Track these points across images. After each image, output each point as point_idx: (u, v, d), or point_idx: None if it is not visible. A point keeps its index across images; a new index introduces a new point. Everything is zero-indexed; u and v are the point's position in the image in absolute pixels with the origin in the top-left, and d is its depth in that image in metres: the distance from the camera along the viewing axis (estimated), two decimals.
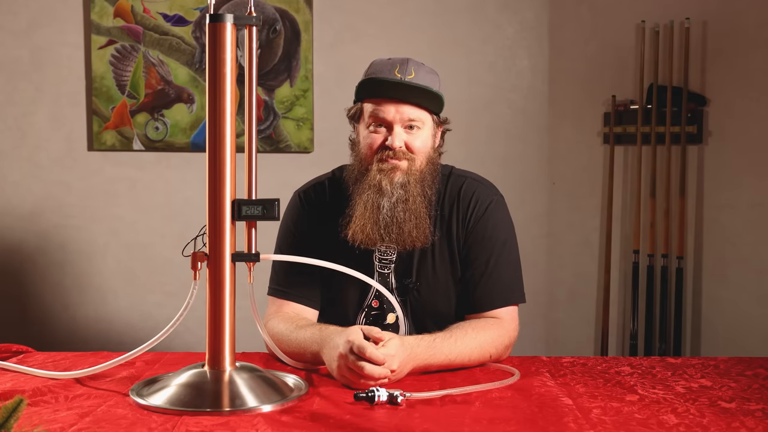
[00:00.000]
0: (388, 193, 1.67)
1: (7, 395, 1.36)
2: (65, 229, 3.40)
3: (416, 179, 1.70)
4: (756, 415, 1.30)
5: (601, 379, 1.53)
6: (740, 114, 3.23)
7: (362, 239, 1.69)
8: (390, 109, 1.67)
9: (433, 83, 1.72)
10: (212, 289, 1.38)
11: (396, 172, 1.68)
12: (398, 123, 1.68)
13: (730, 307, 3.27)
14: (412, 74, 1.68)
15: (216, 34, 1.37)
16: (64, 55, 3.36)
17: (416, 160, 1.70)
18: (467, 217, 1.75)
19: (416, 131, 1.70)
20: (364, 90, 1.72)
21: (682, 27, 3.28)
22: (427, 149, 1.72)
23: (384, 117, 1.68)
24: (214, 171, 1.37)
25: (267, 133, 3.38)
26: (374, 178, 1.68)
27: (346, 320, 1.75)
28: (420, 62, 1.73)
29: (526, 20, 3.41)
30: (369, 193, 1.68)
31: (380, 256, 1.75)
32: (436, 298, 1.75)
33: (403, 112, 1.68)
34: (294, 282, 1.76)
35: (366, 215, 1.68)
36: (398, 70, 1.68)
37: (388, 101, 1.68)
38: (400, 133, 1.68)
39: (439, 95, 1.71)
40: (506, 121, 3.42)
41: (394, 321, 1.74)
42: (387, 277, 1.75)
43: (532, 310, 3.46)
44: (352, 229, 1.69)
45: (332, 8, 3.38)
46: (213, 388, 1.36)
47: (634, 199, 3.37)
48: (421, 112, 1.69)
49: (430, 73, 1.73)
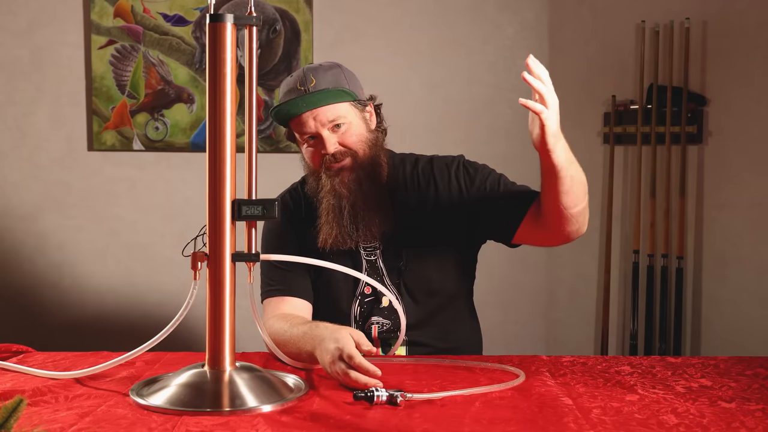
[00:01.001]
0: (344, 195, 1.73)
1: (7, 395, 1.36)
2: (65, 229, 3.40)
3: (366, 171, 1.75)
4: (756, 415, 1.29)
5: (601, 378, 1.53)
6: (740, 114, 3.23)
7: (333, 243, 1.74)
8: (309, 122, 1.72)
9: (337, 78, 1.75)
10: (212, 289, 1.38)
11: (344, 173, 1.74)
12: (322, 129, 1.72)
13: (730, 307, 3.27)
14: (313, 81, 1.73)
15: (216, 34, 1.37)
16: (64, 55, 3.36)
17: (358, 152, 1.75)
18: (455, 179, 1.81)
19: (343, 127, 1.73)
20: (282, 116, 1.76)
21: (682, 27, 3.28)
22: (364, 137, 1.76)
23: (308, 130, 1.73)
24: (214, 171, 1.37)
25: (267, 133, 3.38)
26: (327, 184, 1.74)
27: (340, 311, 1.79)
28: (317, 65, 1.77)
29: (526, 20, 3.41)
30: (328, 198, 1.74)
31: (365, 244, 1.80)
32: (430, 273, 1.79)
33: (321, 118, 1.72)
34: (286, 278, 1.79)
35: (330, 220, 1.74)
36: (299, 83, 1.73)
37: (304, 115, 1.72)
38: (329, 137, 1.73)
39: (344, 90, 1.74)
40: (506, 121, 3.42)
41: (388, 304, 1.78)
42: (375, 263, 1.80)
43: (532, 309, 3.47)
44: (321, 236, 1.75)
45: (332, 8, 3.38)
46: (213, 388, 1.36)
47: (634, 199, 3.37)
48: (337, 108, 1.73)
49: (329, 69, 1.76)
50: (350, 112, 1.76)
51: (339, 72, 1.77)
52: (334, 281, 1.79)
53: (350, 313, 1.79)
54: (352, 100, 1.76)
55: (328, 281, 1.80)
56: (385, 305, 1.78)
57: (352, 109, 1.76)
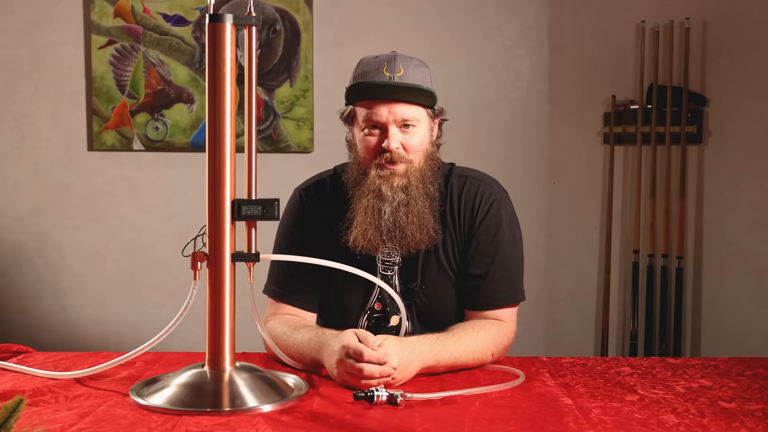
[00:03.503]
0: (388, 198, 1.64)
1: (7, 395, 1.36)
2: (65, 229, 3.40)
3: (417, 179, 1.66)
4: (756, 415, 1.29)
5: (601, 379, 1.53)
6: (740, 114, 3.23)
7: (364, 245, 1.65)
8: (382, 111, 1.63)
9: (424, 77, 1.67)
10: (212, 289, 1.38)
11: (395, 177, 1.65)
12: (392, 124, 1.64)
13: (729, 307, 3.27)
14: (401, 71, 1.64)
15: (216, 34, 1.36)
16: (64, 55, 3.36)
17: (414, 160, 1.66)
18: (472, 217, 1.72)
19: (412, 129, 1.65)
20: (354, 93, 1.68)
21: (682, 27, 3.28)
22: (425, 146, 1.68)
23: (377, 119, 1.64)
24: (214, 171, 1.37)
25: (267, 133, 3.38)
26: (373, 183, 1.65)
27: (346, 323, 1.71)
28: (408, 56, 1.69)
29: (526, 20, 3.41)
30: (369, 197, 1.65)
31: (383, 258, 1.72)
32: (441, 300, 1.73)
33: (396, 113, 1.63)
34: (292, 284, 1.74)
35: (367, 221, 1.65)
36: (386, 68, 1.64)
37: (380, 103, 1.64)
38: (395, 134, 1.64)
39: (431, 91, 1.66)
40: (506, 121, 3.42)
41: (397, 323, 1.72)
42: (390, 279, 1.72)
43: (532, 310, 3.46)
44: (353, 234, 1.66)
45: (332, 8, 3.38)
46: (213, 388, 1.36)
47: (634, 199, 3.37)
48: (415, 109, 1.65)
49: (420, 66, 1.68)
50: (423, 117, 1.67)
51: (427, 72, 1.68)
52: (345, 291, 1.73)
53: (357, 326, 1.73)
54: (431, 107, 1.68)
55: (340, 290, 1.74)
56: (393, 324, 1.72)
57: (426, 116, 1.68)
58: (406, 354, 1.46)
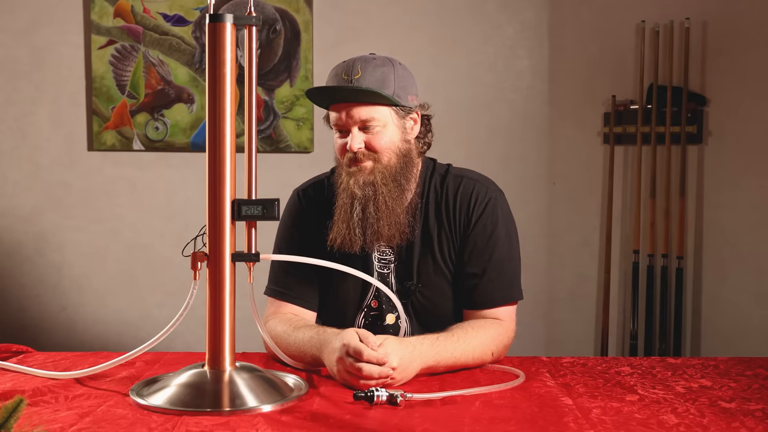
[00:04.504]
0: (358, 196, 1.67)
1: (7, 395, 1.36)
2: (65, 229, 3.40)
3: (385, 177, 1.68)
4: (756, 415, 1.29)
5: (601, 379, 1.53)
6: (740, 114, 3.23)
7: (340, 243, 1.68)
8: (342, 114, 1.66)
9: (386, 77, 1.66)
10: (212, 289, 1.38)
11: (361, 174, 1.67)
12: (353, 125, 1.66)
13: (729, 307, 3.27)
14: (359, 74, 1.66)
15: (216, 34, 1.37)
16: (64, 55, 3.36)
17: (382, 158, 1.67)
18: (468, 217, 1.73)
19: (375, 129, 1.66)
20: (315, 98, 1.72)
21: (682, 27, 3.28)
22: (395, 144, 1.69)
23: (338, 122, 1.68)
24: (214, 171, 1.37)
25: (267, 133, 3.38)
26: (344, 181, 1.69)
27: (344, 321, 1.74)
28: (369, 58, 1.69)
29: (526, 20, 3.41)
30: (343, 197, 1.69)
31: (379, 256, 1.74)
32: (437, 299, 1.74)
33: (353, 115, 1.65)
34: (292, 283, 1.75)
35: (342, 218, 1.68)
36: (345, 72, 1.67)
37: (339, 106, 1.67)
38: (356, 135, 1.66)
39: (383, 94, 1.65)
40: (506, 121, 3.42)
41: (393, 321, 1.74)
42: (387, 277, 1.74)
43: (532, 310, 3.46)
44: (332, 233, 1.70)
45: (332, 8, 3.38)
46: (213, 388, 1.36)
47: (634, 199, 3.37)
48: (375, 109, 1.66)
49: (382, 66, 1.68)
50: (388, 116, 1.67)
51: (390, 71, 1.68)
52: (342, 289, 1.75)
53: (354, 325, 1.75)
54: (391, 105, 1.69)
55: (337, 288, 1.75)
56: (389, 323, 1.74)
57: (392, 113, 1.68)
58: (406, 354, 1.46)
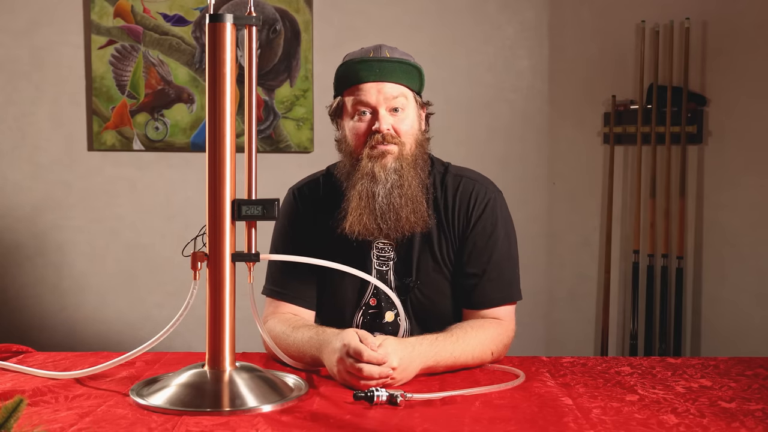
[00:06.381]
0: (382, 180, 1.65)
1: (7, 395, 1.36)
2: (65, 230, 3.40)
3: (408, 163, 1.67)
4: (756, 415, 1.30)
5: (601, 379, 1.53)
6: (740, 114, 3.23)
7: (359, 230, 1.66)
8: (371, 91, 1.65)
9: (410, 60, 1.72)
10: (212, 289, 1.38)
11: (387, 157, 1.65)
12: (382, 105, 1.65)
13: (729, 307, 3.27)
14: (387, 55, 1.68)
15: (216, 34, 1.37)
16: (64, 55, 3.36)
17: (406, 144, 1.67)
18: (467, 217, 1.73)
19: (401, 113, 1.67)
20: (343, 78, 1.70)
21: (682, 27, 3.28)
22: (415, 132, 1.70)
23: (367, 101, 1.66)
24: (214, 171, 1.37)
25: (267, 133, 3.38)
26: (366, 166, 1.65)
27: (343, 319, 1.74)
28: (393, 47, 1.72)
29: (526, 20, 3.41)
30: (363, 182, 1.66)
31: (378, 253, 1.73)
32: (436, 296, 1.73)
33: (386, 92, 1.65)
34: (289, 282, 1.75)
35: (362, 205, 1.65)
36: (374, 51, 1.68)
37: (369, 83, 1.66)
38: (385, 115, 1.66)
39: (418, 68, 1.70)
40: (506, 121, 3.42)
41: (392, 319, 1.73)
42: (386, 274, 1.73)
43: (532, 310, 3.47)
44: (349, 221, 1.66)
45: (332, 8, 3.38)
46: (213, 388, 1.36)
47: (634, 199, 3.37)
48: (404, 90, 1.68)
49: (405, 54, 1.73)
50: (412, 101, 1.70)
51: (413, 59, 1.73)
52: (341, 287, 1.74)
53: (352, 323, 1.75)
54: (419, 89, 1.72)
55: (335, 286, 1.74)
56: (388, 320, 1.73)
57: (413, 99, 1.71)
58: (406, 354, 1.46)
